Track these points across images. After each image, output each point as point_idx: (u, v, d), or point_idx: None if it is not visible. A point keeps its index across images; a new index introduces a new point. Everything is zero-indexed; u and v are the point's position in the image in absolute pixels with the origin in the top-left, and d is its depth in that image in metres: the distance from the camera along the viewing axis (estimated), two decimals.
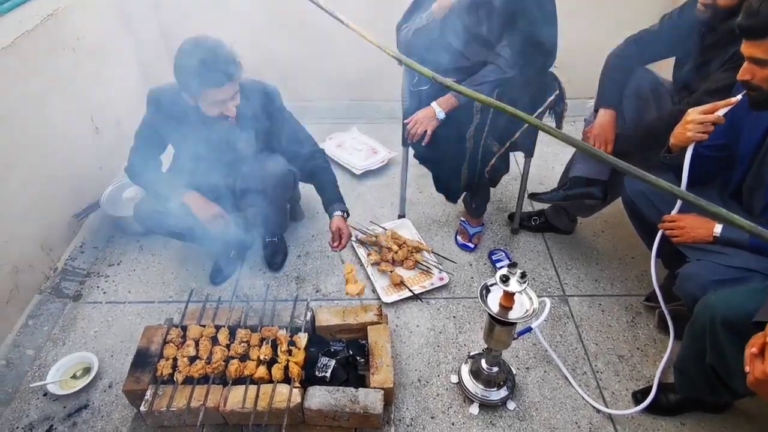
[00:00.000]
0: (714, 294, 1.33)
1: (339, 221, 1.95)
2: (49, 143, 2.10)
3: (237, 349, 1.60)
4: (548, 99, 1.91)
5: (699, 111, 1.42)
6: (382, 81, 3.15)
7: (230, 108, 1.67)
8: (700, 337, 1.34)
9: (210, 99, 1.62)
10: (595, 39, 2.69)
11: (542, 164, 2.77)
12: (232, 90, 1.64)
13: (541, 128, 0.63)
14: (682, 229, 1.51)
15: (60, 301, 2.05)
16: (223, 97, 1.63)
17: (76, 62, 2.29)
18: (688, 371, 1.49)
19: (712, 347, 1.32)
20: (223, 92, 1.62)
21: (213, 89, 1.60)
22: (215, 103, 1.64)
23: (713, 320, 1.27)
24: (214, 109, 1.66)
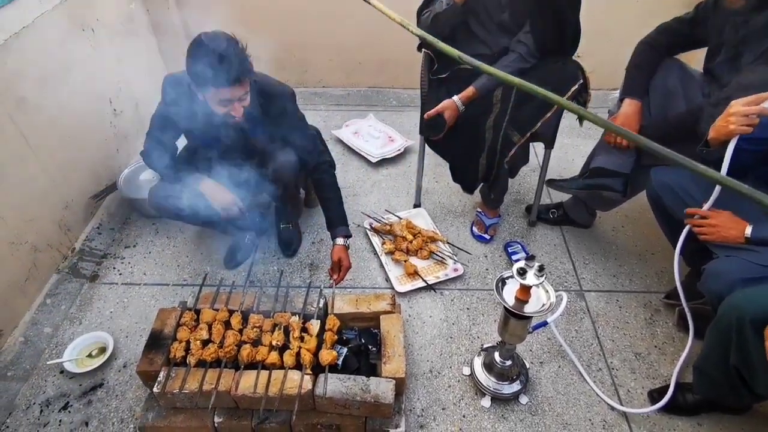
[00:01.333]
0: (741, 292, 1.29)
1: (341, 252, 1.90)
2: (67, 125, 2.11)
3: (249, 334, 1.60)
4: (572, 88, 1.85)
5: (743, 102, 1.36)
6: (400, 68, 3.12)
7: (237, 108, 1.63)
8: (725, 337, 1.30)
9: (217, 97, 1.60)
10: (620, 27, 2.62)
11: (562, 156, 2.72)
12: (240, 91, 1.60)
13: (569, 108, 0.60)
14: (713, 227, 1.46)
15: (77, 281, 2.07)
16: (230, 97, 1.59)
17: (96, 44, 2.29)
18: (710, 372, 1.45)
19: (737, 348, 1.27)
20: (231, 92, 1.58)
21: (221, 89, 1.57)
22: (222, 101, 1.61)
23: (741, 320, 1.23)
24: (221, 108, 1.63)
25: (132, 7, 2.64)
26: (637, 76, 1.82)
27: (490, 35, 1.95)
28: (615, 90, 1.96)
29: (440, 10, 1.88)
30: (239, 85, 1.58)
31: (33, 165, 1.93)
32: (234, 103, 1.61)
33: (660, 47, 1.80)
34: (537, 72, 1.90)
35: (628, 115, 1.79)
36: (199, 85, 1.59)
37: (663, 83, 1.81)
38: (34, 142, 1.92)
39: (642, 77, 1.81)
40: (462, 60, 0.53)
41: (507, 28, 1.92)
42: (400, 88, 3.28)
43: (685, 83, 1.80)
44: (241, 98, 1.63)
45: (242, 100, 1.64)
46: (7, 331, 1.84)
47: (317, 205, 2.45)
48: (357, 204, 2.46)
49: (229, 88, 1.56)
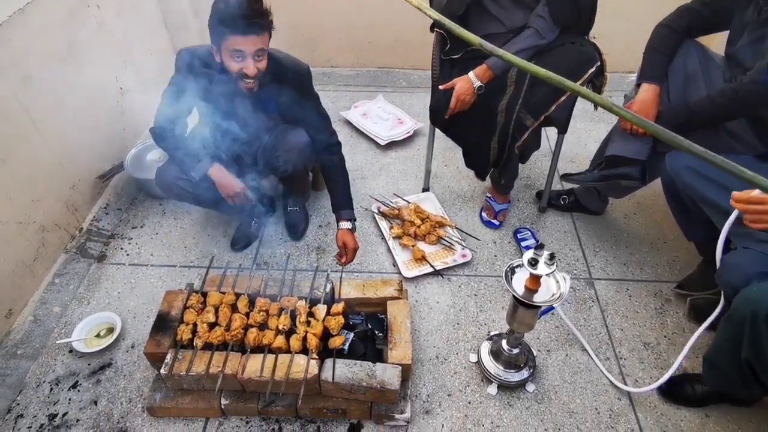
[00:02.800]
0: (757, 286, 1.25)
1: (345, 235, 1.88)
2: (73, 103, 2.08)
3: (256, 318, 1.60)
4: (589, 71, 1.79)
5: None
6: (410, 48, 3.05)
7: (250, 65, 1.58)
8: (738, 330, 1.27)
9: (231, 47, 1.55)
10: (637, 7, 2.53)
11: (575, 140, 2.66)
12: (256, 44, 1.55)
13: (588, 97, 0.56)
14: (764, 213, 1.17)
15: (85, 261, 2.08)
16: (245, 48, 1.55)
17: (102, 21, 2.25)
18: (721, 364, 1.42)
19: (750, 341, 1.25)
20: (247, 43, 1.54)
21: (236, 36, 1.52)
22: (236, 53, 1.56)
23: (755, 313, 1.20)
24: (235, 63, 1.58)
25: None
26: (655, 60, 1.75)
27: (504, 11, 1.89)
28: (631, 73, 1.90)
29: None
30: (257, 36, 1.54)
31: (38, 144, 1.91)
32: (249, 58, 1.57)
33: (680, 30, 1.72)
34: (554, 53, 1.84)
35: (646, 101, 1.73)
36: (216, 32, 1.55)
37: (683, 67, 1.74)
38: (40, 121, 1.90)
39: (661, 61, 1.75)
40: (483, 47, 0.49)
41: (522, 3, 1.86)
42: (410, 68, 3.21)
43: (706, 67, 1.73)
44: (257, 55, 1.58)
45: (258, 58, 1.59)
46: (17, 310, 1.85)
47: (324, 188, 2.42)
48: (365, 187, 2.44)
49: (246, 36, 1.52)
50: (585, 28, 1.90)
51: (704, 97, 1.64)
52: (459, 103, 1.87)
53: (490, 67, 1.83)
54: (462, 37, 0.48)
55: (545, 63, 1.81)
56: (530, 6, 1.85)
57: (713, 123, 1.65)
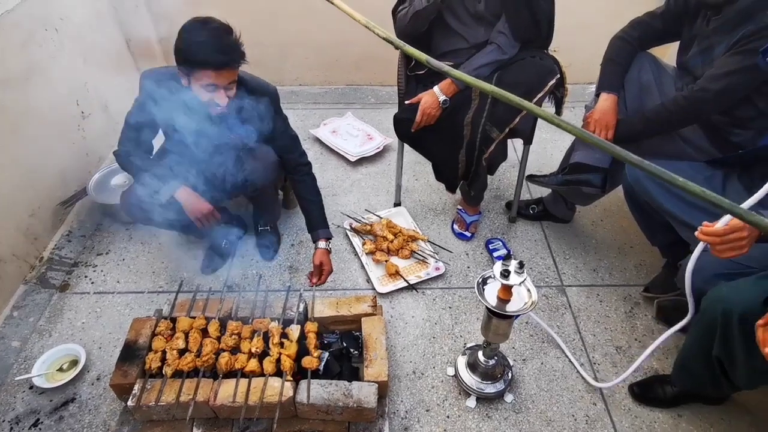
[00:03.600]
0: (726, 286, 1.28)
1: (323, 255, 1.93)
2: (32, 129, 2.02)
3: (228, 342, 1.56)
4: (549, 83, 1.84)
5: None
6: (378, 65, 3.08)
7: (222, 96, 1.58)
8: (709, 329, 1.30)
9: (204, 81, 1.55)
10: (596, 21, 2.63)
11: (541, 151, 2.72)
12: (229, 77, 1.57)
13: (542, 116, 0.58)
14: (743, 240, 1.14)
15: (46, 292, 1.99)
16: (218, 82, 1.55)
17: (60, 44, 2.21)
18: (691, 364, 1.45)
19: (721, 339, 1.27)
20: (220, 77, 1.54)
21: (210, 71, 1.52)
22: (209, 86, 1.56)
23: (726, 311, 1.22)
24: (206, 93, 1.58)
25: (98, 5, 2.55)
26: (612, 71, 1.82)
27: (467, 28, 1.93)
28: (592, 84, 1.96)
29: (420, 7, 1.85)
30: (230, 70, 1.55)
31: None
32: (221, 89, 1.57)
33: (633, 41, 1.80)
34: (515, 67, 1.89)
35: (605, 110, 1.79)
36: (188, 66, 1.54)
37: (638, 77, 1.81)
38: None
39: (617, 71, 1.81)
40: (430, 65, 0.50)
41: (484, 19, 1.90)
42: (378, 85, 3.24)
43: (659, 77, 1.81)
44: (229, 86, 1.59)
45: (229, 88, 1.60)
46: None
47: (296, 207, 2.41)
48: (336, 204, 2.43)
49: (221, 70, 1.53)
50: (544, 43, 1.96)
51: (658, 105, 1.71)
52: (425, 116, 1.89)
53: (454, 81, 1.87)
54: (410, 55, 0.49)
55: (507, 77, 1.87)
56: (492, 22, 1.90)
57: (668, 129, 1.71)
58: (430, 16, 1.86)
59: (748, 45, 1.50)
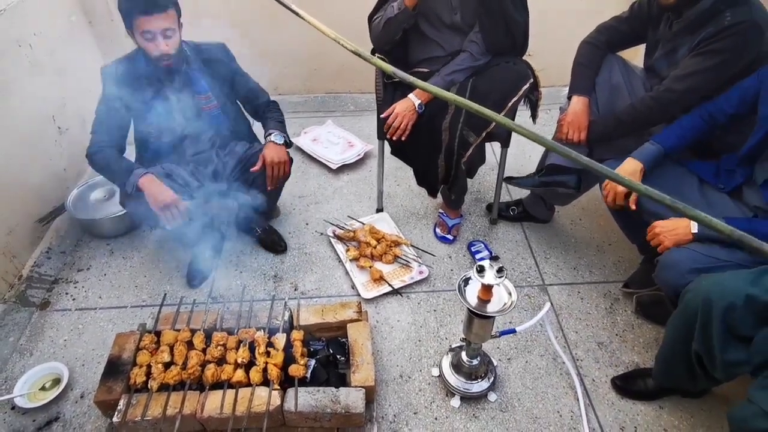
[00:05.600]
0: (704, 279, 1.33)
1: (273, 150, 1.85)
2: (7, 146, 2.00)
3: (213, 353, 1.56)
4: (523, 87, 1.89)
5: None
6: (356, 74, 3.11)
7: (160, 44, 1.64)
8: (689, 323, 1.34)
9: (141, 29, 1.62)
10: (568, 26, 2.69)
11: (519, 153, 2.77)
12: (162, 22, 1.62)
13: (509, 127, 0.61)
14: (658, 235, 1.50)
15: (26, 310, 1.96)
16: (152, 28, 1.61)
17: (35, 60, 2.19)
18: (669, 360, 1.49)
19: (701, 332, 1.30)
20: (152, 22, 1.60)
21: (141, 17, 1.59)
22: (146, 34, 1.63)
23: (707, 304, 1.26)
24: (148, 44, 1.65)
25: (73, 20, 2.54)
26: (582, 74, 1.88)
27: (442, 36, 1.97)
28: (567, 86, 2.01)
29: (392, 15, 1.88)
30: (160, 14, 1.61)
31: None
32: (158, 36, 1.64)
33: (601, 45, 1.86)
34: (489, 72, 1.93)
35: (577, 112, 1.84)
36: (127, 20, 1.63)
37: (608, 79, 1.87)
38: None
39: (587, 74, 1.87)
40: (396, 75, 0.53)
41: (459, 29, 1.95)
42: (357, 92, 3.27)
43: (628, 78, 1.87)
44: (166, 34, 1.65)
45: (167, 37, 1.66)
46: None
47: (279, 215, 2.42)
48: (319, 212, 2.44)
49: (149, 16, 1.59)
50: (519, 52, 2.00)
51: (628, 106, 1.77)
52: (400, 118, 1.91)
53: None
54: (378, 66, 0.51)
55: (482, 83, 1.91)
56: (466, 32, 1.94)
57: (639, 128, 1.77)
58: (402, 25, 1.89)
59: (709, 46, 1.57)
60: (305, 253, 2.23)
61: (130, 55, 1.79)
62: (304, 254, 2.23)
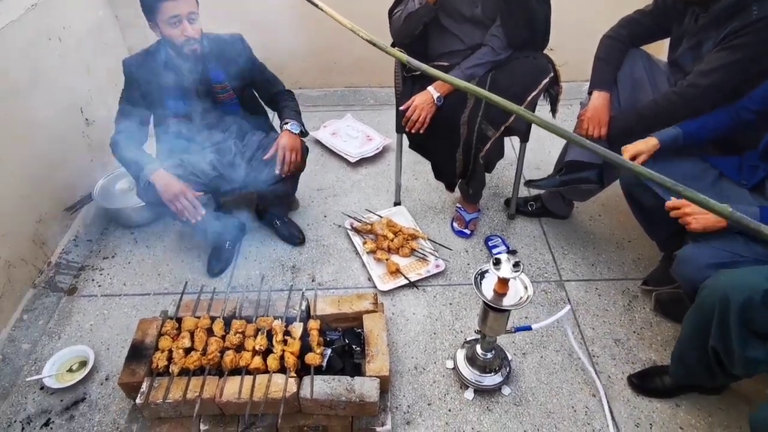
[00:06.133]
0: (722, 275, 1.31)
1: (287, 138, 1.88)
2: (37, 136, 2.07)
3: (232, 340, 1.59)
4: (543, 82, 1.87)
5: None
6: (375, 67, 3.12)
7: (187, 27, 1.69)
8: (706, 319, 1.32)
9: (167, 16, 1.66)
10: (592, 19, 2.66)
11: (538, 148, 2.75)
12: (188, 6, 1.68)
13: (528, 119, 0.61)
14: (688, 215, 1.45)
15: (55, 295, 2.04)
16: (179, 11, 1.66)
17: (64, 52, 2.25)
18: (686, 356, 1.48)
19: (718, 327, 1.29)
20: (179, 6, 1.66)
21: (169, 2, 1.64)
22: (172, 19, 1.67)
23: (724, 299, 1.25)
24: (174, 30, 1.69)
25: (101, 14, 2.60)
26: (603, 69, 1.85)
27: (462, 30, 1.97)
28: (587, 81, 1.99)
29: (413, 9, 1.89)
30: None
31: (3, 179, 1.88)
32: (184, 20, 1.68)
33: (623, 39, 1.83)
34: (509, 66, 1.92)
35: (597, 108, 1.82)
36: (150, 9, 1.67)
37: (630, 74, 1.84)
38: (4, 156, 1.88)
39: (608, 69, 1.84)
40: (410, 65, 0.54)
41: (480, 23, 1.94)
42: (376, 86, 3.28)
43: (651, 73, 1.84)
44: (191, 18, 1.71)
45: (192, 20, 1.71)
46: None
47: (298, 208, 2.45)
48: (337, 204, 2.47)
49: (174, 1, 1.64)
50: (540, 46, 1.98)
51: (651, 101, 1.74)
52: (418, 111, 1.92)
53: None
54: (393, 56, 0.52)
55: (502, 76, 1.90)
56: (487, 25, 1.93)
57: (661, 124, 1.74)
58: (423, 19, 1.89)
59: (735, 40, 1.54)
60: (323, 245, 2.26)
61: (151, 48, 1.84)
62: (322, 246, 2.26)
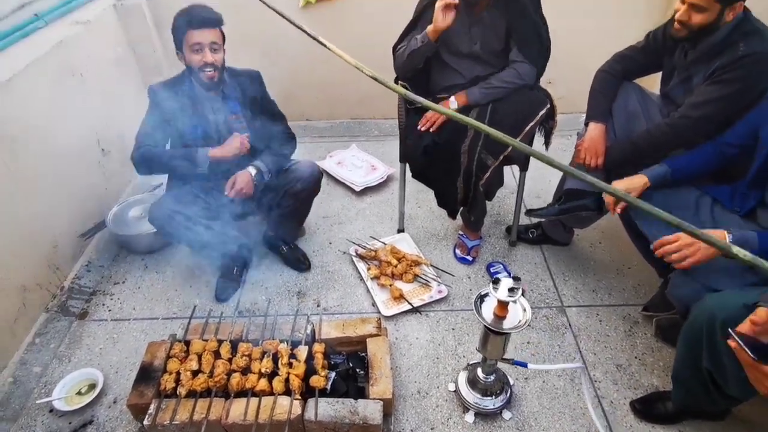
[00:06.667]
0: (711, 296, 1.35)
1: (244, 175, 1.98)
2: (56, 165, 2.16)
3: (238, 363, 1.63)
4: (540, 113, 1.95)
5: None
6: (380, 101, 3.24)
7: (207, 54, 1.82)
8: (697, 340, 1.35)
9: (191, 42, 1.80)
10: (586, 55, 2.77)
11: (538, 176, 2.81)
12: (210, 36, 1.82)
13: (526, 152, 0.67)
14: (691, 246, 1.40)
15: (66, 319, 2.09)
16: (202, 40, 1.80)
17: (85, 86, 2.38)
18: (684, 379, 1.50)
19: (708, 349, 1.32)
20: (203, 35, 1.80)
21: (193, 31, 1.79)
22: (195, 46, 1.81)
23: (711, 320, 1.28)
24: (195, 56, 1.83)
25: (119, 51, 2.75)
26: (599, 101, 1.93)
27: (462, 64, 2.06)
28: (584, 113, 2.07)
29: (415, 47, 1.99)
30: (210, 29, 1.82)
31: (22, 206, 1.97)
32: (206, 48, 1.82)
33: (617, 73, 1.92)
34: (509, 97, 2.01)
35: (594, 138, 1.89)
36: (178, 34, 1.82)
37: (624, 106, 1.92)
38: (24, 184, 1.97)
39: (604, 102, 1.93)
40: (407, 97, 0.61)
41: (479, 58, 2.04)
42: (381, 118, 3.39)
43: (645, 105, 1.92)
44: (213, 48, 1.84)
45: (214, 50, 1.85)
46: None
47: (304, 234, 2.51)
48: (342, 231, 2.53)
49: (201, 29, 1.79)
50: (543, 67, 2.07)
51: (644, 132, 1.82)
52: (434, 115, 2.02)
53: (467, 96, 2.00)
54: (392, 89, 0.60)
55: (502, 106, 1.98)
56: (486, 60, 2.03)
57: (655, 154, 1.80)
58: (425, 55, 1.99)
59: (723, 75, 1.62)
60: (328, 271, 2.31)
61: (176, 77, 1.97)
62: (327, 272, 2.31)
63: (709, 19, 1.58)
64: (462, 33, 1.99)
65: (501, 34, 1.97)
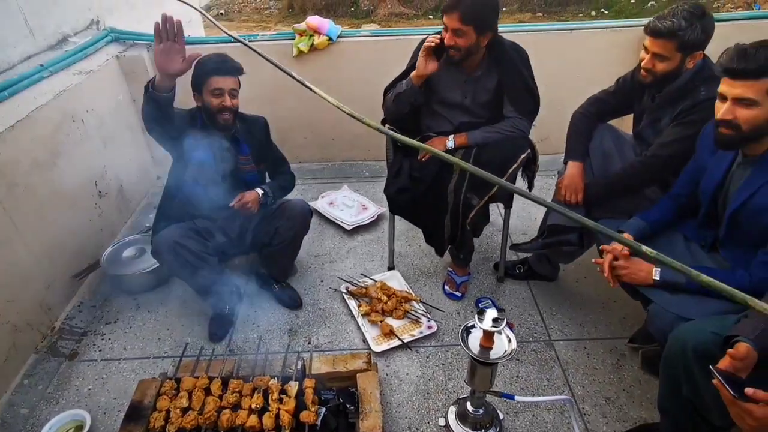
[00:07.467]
0: (684, 326, 1.40)
1: (253, 194, 2.12)
2: (53, 208, 2.22)
3: (229, 399, 1.64)
4: (521, 156, 2.04)
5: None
6: (370, 143, 3.37)
7: (227, 99, 1.95)
8: (675, 370, 1.39)
9: (212, 87, 1.92)
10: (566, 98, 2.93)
11: (524, 214, 2.90)
12: (233, 83, 1.96)
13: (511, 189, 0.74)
14: (624, 269, 1.65)
15: (55, 360, 2.08)
16: (223, 86, 1.93)
17: (85, 132, 2.47)
18: (669, 410, 1.52)
19: (686, 379, 1.36)
20: (226, 81, 1.94)
21: (218, 77, 1.92)
22: (216, 91, 1.93)
23: (684, 349, 1.33)
24: (215, 99, 1.94)
25: (120, 99, 2.86)
26: (576, 141, 2.05)
27: (451, 114, 2.17)
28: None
29: (401, 91, 2.11)
30: (232, 77, 1.97)
31: (18, 247, 2.01)
32: (226, 94, 1.95)
33: (591, 115, 2.05)
34: (492, 143, 2.10)
35: (573, 176, 1.99)
36: (201, 77, 1.94)
37: (600, 146, 2.03)
38: (21, 226, 2.02)
39: (580, 141, 2.04)
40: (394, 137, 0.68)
41: (467, 110, 2.15)
42: (371, 160, 3.51)
43: (618, 144, 2.03)
44: (232, 93, 1.97)
45: (232, 94, 1.98)
46: None
47: (296, 273, 2.55)
48: (333, 269, 2.57)
49: (225, 76, 1.94)
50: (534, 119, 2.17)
51: (619, 169, 1.92)
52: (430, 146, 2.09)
53: (467, 137, 2.10)
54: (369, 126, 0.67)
55: (485, 151, 2.07)
56: (471, 110, 2.13)
57: (629, 190, 1.91)
58: (410, 99, 2.09)
59: (687, 117, 1.74)
60: (319, 309, 2.34)
61: (190, 110, 2.04)
62: (319, 309, 2.34)
63: (671, 67, 1.71)
64: (455, 87, 2.10)
65: (491, 88, 2.09)
